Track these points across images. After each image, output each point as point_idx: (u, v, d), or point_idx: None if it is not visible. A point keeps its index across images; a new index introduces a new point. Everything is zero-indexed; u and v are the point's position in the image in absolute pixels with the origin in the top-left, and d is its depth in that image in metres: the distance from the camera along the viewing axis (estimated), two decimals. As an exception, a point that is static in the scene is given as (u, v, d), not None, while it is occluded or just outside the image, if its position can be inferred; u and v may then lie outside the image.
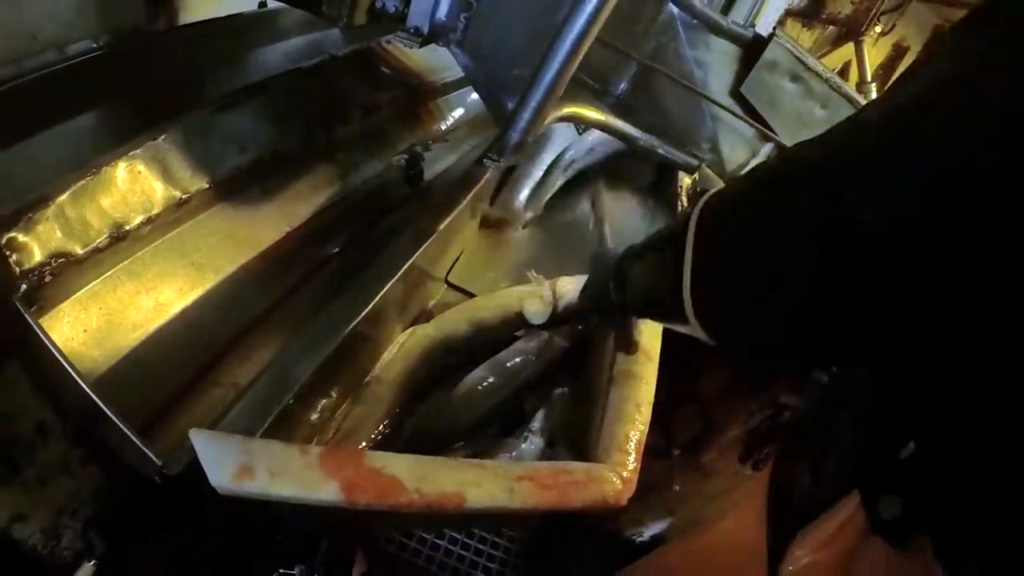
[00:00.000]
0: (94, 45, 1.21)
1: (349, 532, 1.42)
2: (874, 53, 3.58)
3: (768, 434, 1.62)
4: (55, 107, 1.13)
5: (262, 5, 1.48)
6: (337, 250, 1.36)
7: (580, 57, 1.02)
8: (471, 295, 1.45)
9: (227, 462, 0.71)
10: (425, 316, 1.37)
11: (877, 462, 0.66)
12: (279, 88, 1.41)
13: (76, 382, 0.92)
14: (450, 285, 1.48)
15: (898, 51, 3.76)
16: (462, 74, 1.92)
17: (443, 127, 1.90)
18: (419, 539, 1.63)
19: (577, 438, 1.15)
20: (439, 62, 1.91)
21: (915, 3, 3.45)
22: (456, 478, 0.78)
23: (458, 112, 1.96)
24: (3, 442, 1.22)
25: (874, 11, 2.70)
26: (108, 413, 0.90)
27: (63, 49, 1.16)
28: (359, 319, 1.02)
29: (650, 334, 1.17)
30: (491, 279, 1.54)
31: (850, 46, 3.02)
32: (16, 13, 1.07)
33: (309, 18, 1.60)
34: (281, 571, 1.59)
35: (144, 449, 0.87)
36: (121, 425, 0.90)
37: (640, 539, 1.94)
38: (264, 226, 1.30)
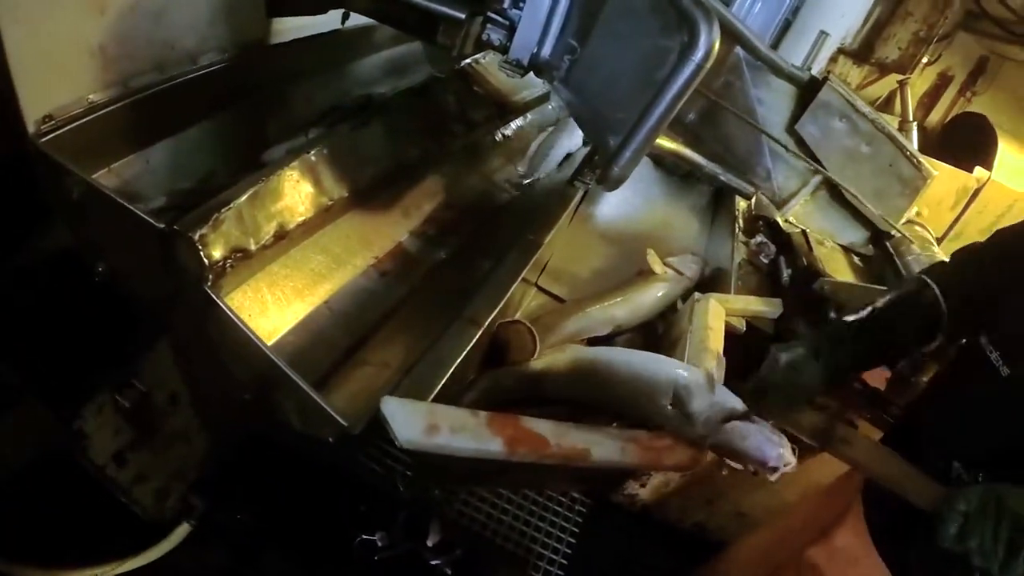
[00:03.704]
0: (223, 56, 1.37)
1: (477, 483, 1.61)
2: (920, 82, 3.69)
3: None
4: (197, 109, 1.33)
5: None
6: (451, 251, 1.56)
7: (678, 108, 1.19)
8: (559, 299, 1.66)
9: (417, 421, 0.91)
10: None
11: None
12: (400, 106, 1.62)
13: (262, 351, 1.05)
14: (540, 289, 1.69)
15: (943, 80, 3.83)
16: (539, 93, 2.15)
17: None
18: (486, 514, 1.85)
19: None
20: (520, 82, 2.10)
21: (962, 33, 3.54)
22: (584, 438, 1.01)
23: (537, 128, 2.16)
24: (146, 408, 1.43)
25: (919, 56, 2.84)
26: (292, 375, 1.02)
27: (195, 60, 1.32)
28: (489, 320, 1.24)
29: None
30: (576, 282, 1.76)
31: (894, 76, 3.13)
32: (159, 25, 1.22)
33: (395, 34, 1.77)
34: (363, 536, 1.79)
35: (328, 409, 1.00)
36: (304, 386, 1.02)
37: (682, 526, 2.16)
38: (390, 227, 1.51)
